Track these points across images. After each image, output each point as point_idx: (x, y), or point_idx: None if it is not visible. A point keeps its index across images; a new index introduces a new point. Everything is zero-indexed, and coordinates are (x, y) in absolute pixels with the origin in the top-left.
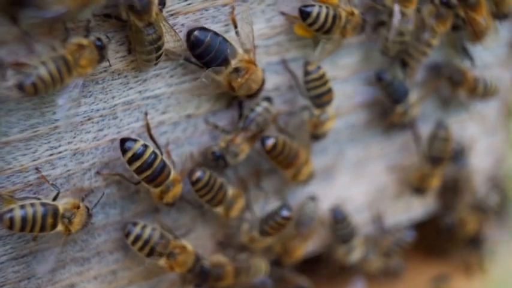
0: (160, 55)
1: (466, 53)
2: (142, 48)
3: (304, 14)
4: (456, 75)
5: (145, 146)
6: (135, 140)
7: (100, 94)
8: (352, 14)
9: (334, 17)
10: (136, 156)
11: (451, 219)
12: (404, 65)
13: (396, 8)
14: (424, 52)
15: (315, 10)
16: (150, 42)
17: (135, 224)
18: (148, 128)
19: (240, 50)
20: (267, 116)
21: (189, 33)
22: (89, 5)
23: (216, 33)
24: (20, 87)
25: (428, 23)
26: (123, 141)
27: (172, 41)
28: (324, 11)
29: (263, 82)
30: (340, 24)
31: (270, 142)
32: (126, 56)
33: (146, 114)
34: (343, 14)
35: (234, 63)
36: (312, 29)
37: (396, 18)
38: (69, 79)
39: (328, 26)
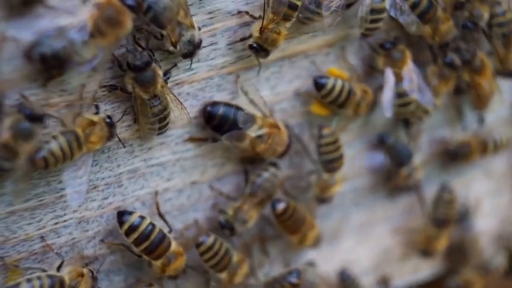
0: (166, 125)
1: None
2: (145, 119)
3: (318, 85)
4: (462, 150)
5: (142, 218)
6: (131, 213)
7: (105, 163)
8: (366, 92)
9: (349, 92)
10: (132, 228)
11: (455, 282)
12: (406, 123)
13: (388, 70)
14: (426, 111)
15: (330, 82)
16: (155, 114)
17: None
18: (157, 206)
19: (259, 116)
20: (274, 181)
21: (203, 108)
22: (121, 38)
23: (228, 104)
24: (31, 160)
25: (431, 83)
26: (120, 214)
27: (178, 111)
28: (339, 83)
29: (289, 144)
30: (354, 100)
31: (280, 206)
32: (132, 125)
33: (156, 193)
34: (358, 91)
35: (254, 129)
36: (326, 101)
37: (390, 80)
38: (79, 154)
39: (342, 100)
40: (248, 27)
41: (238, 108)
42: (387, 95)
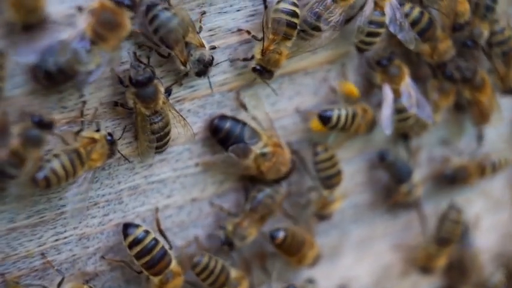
0: (167, 142)
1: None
2: (145, 136)
3: (324, 119)
4: (460, 174)
5: (147, 232)
6: (137, 226)
7: (106, 180)
8: (365, 111)
9: (354, 116)
10: (137, 241)
11: None
12: (405, 137)
13: (386, 87)
14: (425, 126)
15: (335, 114)
16: (155, 131)
17: None
18: (158, 223)
19: (264, 135)
20: (275, 197)
21: (211, 121)
22: (122, 39)
23: (235, 120)
24: (33, 180)
25: (431, 97)
26: (126, 226)
27: (181, 127)
28: (343, 113)
29: (293, 164)
30: (358, 121)
31: (280, 236)
32: (132, 142)
33: (157, 210)
34: (359, 110)
35: (259, 146)
36: (334, 130)
37: (388, 97)
38: (81, 172)
39: (348, 125)
40: (248, 44)
41: (244, 124)
42: (386, 112)
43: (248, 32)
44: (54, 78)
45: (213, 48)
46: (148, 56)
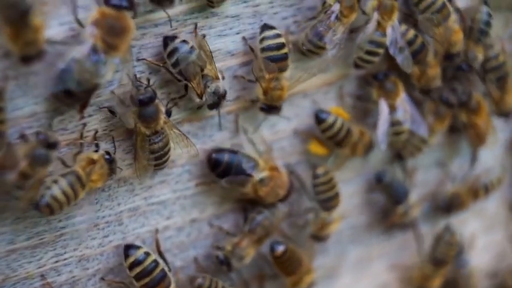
0: (165, 161)
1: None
2: (144, 156)
3: (320, 119)
4: (454, 202)
5: (147, 254)
6: (138, 247)
7: (106, 201)
8: (363, 134)
9: (348, 131)
10: (137, 262)
11: None
12: (399, 158)
13: (382, 102)
14: (419, 148)
15: (331, 118)
16: (154, 151)
17: None
18: (157, 244)
19: (260, 160)
20: (273, 220)
21: (208, 156)
22: (131, 41)
23: (232, 151)
24: (36, 208)
25: (427, 120)
26: (127, 247)
27: (183, 147)
28: (339, 121)
29: (290, 187)
30: (352, 140)
31: (280, 249)
32: (132, 163)
33: (156, 231)
34: (356, 132)
35: (257, 175)
36: (325, 136)
37: (384, 112)
38: (83, 194)
39: (340, 138)
40: (248, 66)
41: (240, 152)
42: (382, 128)
43: (243, 77)
44: (77, 96)
45: (223, 78)
46: (148, 78)
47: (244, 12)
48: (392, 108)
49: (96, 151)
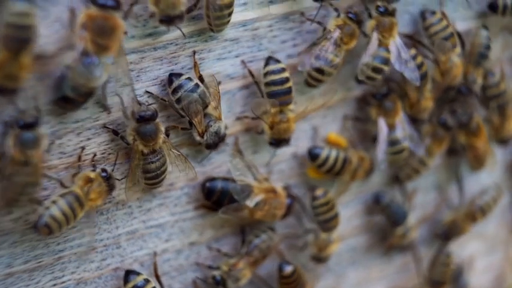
0: (161, 181)
1: (459, 183)
2: (136, 176)
3: (312, 156)
4: (452, 230)
5: (147, 281)
6: (138, 274)
7: (104, 224)
8: (363, 159)
9: (344, 161)
10: None
11: None
12: (398, 180)
13: (381, 121)
14: (417, 170)
15: (323, 153)
16: (150, 171)
17: None
18: (155, 268)
19: (255, 184)
20: (270, 243)
21: (202, 186)
22: (121, 39)
23: (226, 179)
24: (35, 228)
25: (424, 142)
26: (127, 273)
27: (182, 167)
28: (333, 154)
29: (289, 205)
30: (350, 168)
31: (288, 269)
32: (131, 186)
33: (155, 254)
34: (354, 159)
35: (252, 199)
36: (322, 170)
37: (383, 131)
38: (82, 214)
39: (337, 169)
40: (247, 90)
41: (235, 180)
42: (381, 147)
43: (246, 117)
44: (75, 101)
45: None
46: (147, 101)
47: (243, 35)
48: (391, 128)
49: (93, 170)
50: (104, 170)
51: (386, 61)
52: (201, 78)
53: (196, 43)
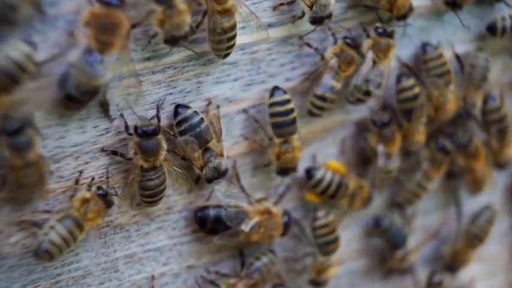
0: (159, 200)
1: (458, 207)
2: (136, 190)
3: (308, 175)
4: (455, 261)
5: None
6: None
7: (102, 248)
8: (362, 187)
9: (339, 185)
10: None
11: None
12: (398, 206)
13: (380, 148)
14: (416, 194)
15: (318, 174)
16: (149, 188)
17: None
18: None
19: (248, 208)
20: (271, 267)
21: (194, 214)
22: (126, 36)
23: (218, 206)
24: (35, 255)
25: (423, 166)
26: None
27: (182, 184)
28: (328, 176)
29: (286, 226)
30: (347, 193)
31: None
32: (129, 210)
33: (153, 278)
34: (352, 184)
35: (246, 223)
36: (317, 190)
37: (380, 159)
38: (82, 236)
39: (332, 192)
40: (245, 114)
41: (226, 207)
42: (377, 176)
43: (255, 141)
44: (80, 100)
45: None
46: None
47: (242, 59)
48: (388, 156)
49: (89, 190)
50: (99, 188)
51: (378, 85)
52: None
53: (195, 66)
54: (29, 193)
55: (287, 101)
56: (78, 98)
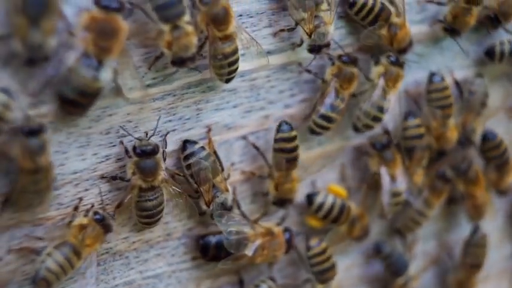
0: (156, 221)
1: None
2: (134, 211)
3: (309, 200)
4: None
5: None
6: None
7: (101, 275)
8: (362, 216)
9: (342, 208)
10: None
11: None
12: (399, 233)
13: (383, 170)
14: (417, 221)
15: (319, 198)
16: (146, 209)
17: None
18: None
19: (250, 232)
20: None
21: (196, 243)
22: (124, 41)
23: (220, 232)
24: (33, 283)
25: (423, 195)
26: None
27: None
28: (329, 200)
29: (288, 246)
30: (348, 217)
31: None
32: (128, 237)
33: None
34: (353, 210)
35: (249, 247)
36: (318, 216)
37: (385, 181)
38: (79, 263)
39: (334, 216)
40: (244, 141)
41: (227, 233)
42: (385, 199)
43: (253, 174)
44: (80, 103)
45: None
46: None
47: (241, 86)
48: (393, 179)
49: (86, 216)
50: (96, 213)
51: (386, 111)
52: (215, 153)
53: (194, 94)
54: (31, 199)
55: (293, 138)
56: (76, 100)
